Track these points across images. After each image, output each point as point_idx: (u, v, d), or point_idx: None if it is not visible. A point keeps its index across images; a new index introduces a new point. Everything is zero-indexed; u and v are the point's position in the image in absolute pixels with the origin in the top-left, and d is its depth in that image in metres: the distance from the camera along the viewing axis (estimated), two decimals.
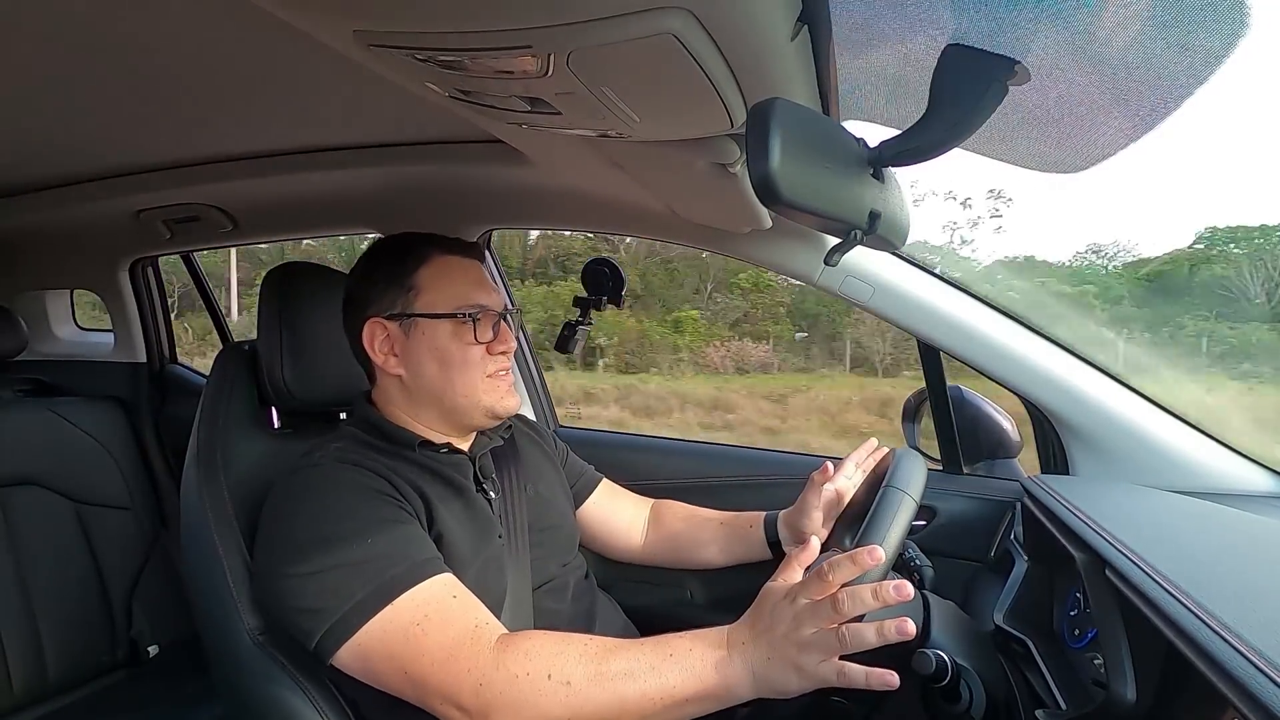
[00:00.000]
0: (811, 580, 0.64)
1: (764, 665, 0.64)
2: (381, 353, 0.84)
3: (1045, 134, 0.67)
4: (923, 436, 1.21)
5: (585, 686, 0.64)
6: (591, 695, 0.64)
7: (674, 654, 0.66)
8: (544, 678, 0.65)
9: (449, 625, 0.69)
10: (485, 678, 0.65)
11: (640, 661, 0.66)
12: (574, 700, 0.64)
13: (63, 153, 1.17)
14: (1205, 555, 0.69)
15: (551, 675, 0.65)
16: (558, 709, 0.64)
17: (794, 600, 0.64)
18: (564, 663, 0.66)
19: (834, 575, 0.62)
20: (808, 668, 0.62)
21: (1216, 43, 0.47)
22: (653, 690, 0.64)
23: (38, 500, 1.40)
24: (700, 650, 0.66)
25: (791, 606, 0.64)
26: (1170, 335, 7.30)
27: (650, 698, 0.64)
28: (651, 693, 0.64)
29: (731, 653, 0.65)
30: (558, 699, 0.64)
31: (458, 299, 0.84)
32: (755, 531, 1.03)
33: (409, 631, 0.68)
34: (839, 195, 0.53)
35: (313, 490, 0.77)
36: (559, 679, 0.65)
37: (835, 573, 0.62)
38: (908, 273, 1.05)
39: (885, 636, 0.61)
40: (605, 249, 8.83)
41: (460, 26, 0.44)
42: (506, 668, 0.65)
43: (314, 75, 0.83)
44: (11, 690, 1.28)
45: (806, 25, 0.49)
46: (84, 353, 1.83)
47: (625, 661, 0.66)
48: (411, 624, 0.68)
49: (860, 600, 0.61)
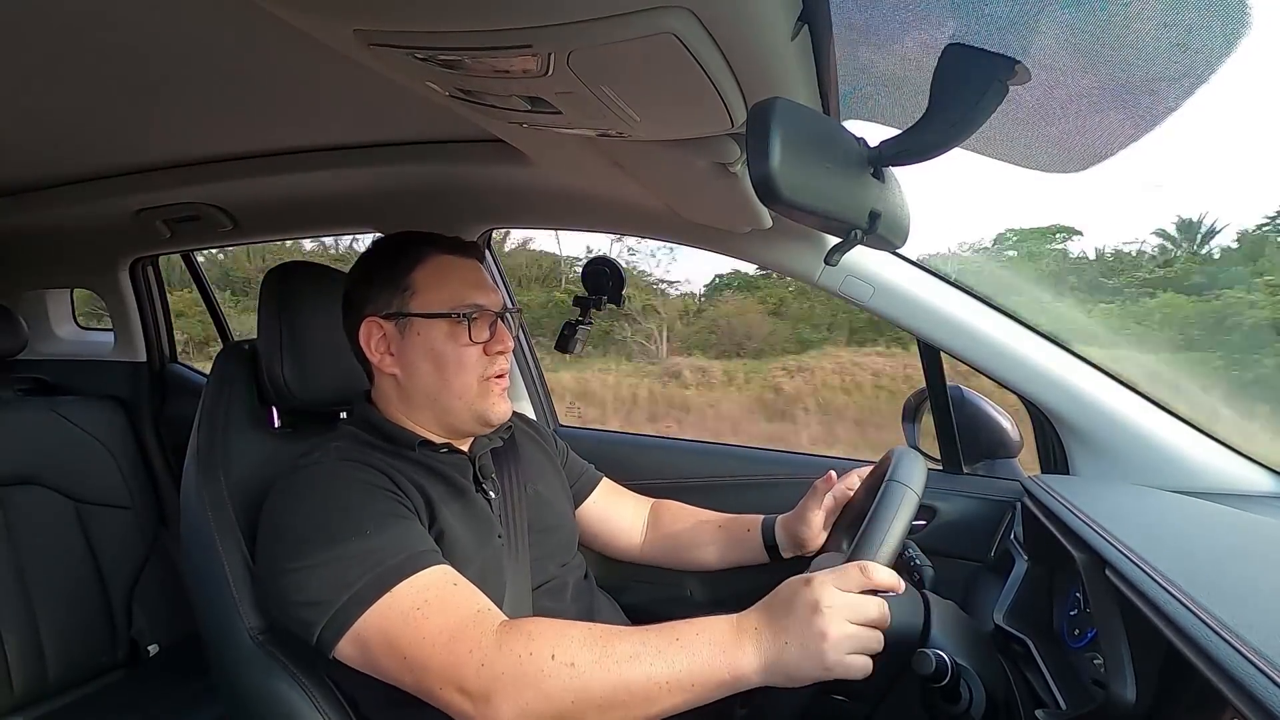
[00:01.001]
0: (850, 572, 0.66)
1: (780, 650, 0.63)
2: (378, 352, 0.84)
3: (1045, 134, 0.66)
4: (923, 436, 1.21)
5: (590, 669, 0.64)
6: (596, 677, 0.63)
7: (680, 639, 0.65)
8: (548, 658, 0.64)
9: (450, 610, 0.68)
10: (487, 658, 0.64)
11: (646, 645, 0.65)
12: (578, 682, 0.63)
13: (63, 153, 1.17)
14: (1205, 555, 0.69)
15: (555, 656, 0.64)
16: (561, 691, 0.63)
17: (820, 587, 0.65)
18: (568, 644, 0.65)
19: (877, 576, 0.66)
20: (830, 659, 0.62)
21: (1216, 43, 0.47)
22: (658, 674, 0.63)
23: (38, 500, 1.40)
24: (708, 635, 0.66)
25: (814, 592, 0.65)
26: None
27: (656, 681, 0.63)
28: (657, 676, 0.63)
29: (742, 639, 0.65)
30: (561, 680, 0.63)
31: (454, 299, 0.84)
32: (753, 535, 1.03)
33: (409, 616, 0.67)
34: (839, 195, 0.53)
35: (312, 487, 0.77)
36: (563, 660, 0.64)
37: (878, 574, 0.66)
38: (908, 273, 1.05)
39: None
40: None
41: (460, 26, 0.44)
42: (509, 648, 0.65)
43: (314, 75, 0.83)
44: (11, 690, 1.28)
45: (806, 25, 0.49)
46: (84, 352, 1.83)
47: (630, 645, 0.65)
48: (412, 609, 0.68)
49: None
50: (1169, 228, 7.32)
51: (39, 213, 1.42)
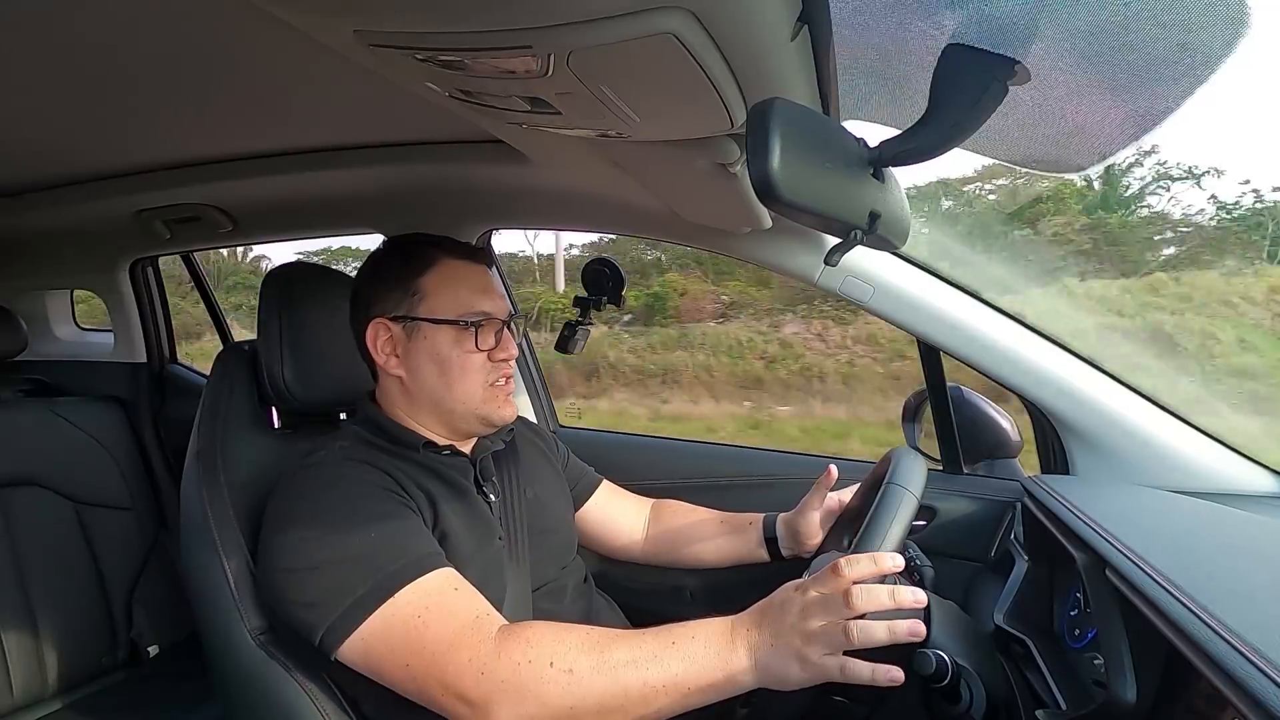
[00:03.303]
0: (826, 574, 0.64)
1: (766, 653, 0.64)
2: (384, 353, 0.84)
3: (1045, 134, 0.66)
4: (923, 437, 1.21)
5: (587, 675, 0.64)
6: (594, 683, 0.64)
7: (677, 642, 0.66)
8: (546, 665, 0.64)
9: (450, 617, 0.69)
10: (486, 666, 0.65)
11: (643, 650, 0.65)
12: (576, 688, 0.64)
13: (63, 153, 1.17)
14: (1205, 555, 0.69)
15: (554, 663, 0.64)
16: (560, 697, 0.63)
17: (805, 592, 0.64)
18: (566, 651, 0.65)
19: (851, 570, 0.62)
20: (811, 659, 0.62)
21: (1216, 43, 0.47)
22: (655, 678, 0.64)
23: (38, 500, 1.40)
24: (703, 638, 0.66)
25: (802, 597, 0.64)
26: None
27: (653, 686, 0.64)
28: (654, 681, 0.64)
29: (735, 640, 0.65)
30: (559, 686, 0.63)
31: (461, 306, 0.84)
32: (754, 531, 1.03)
33: (410, 624, 0.68)
34: (839, 195, 0.53)
35: (315, 487, 0.77)
36: (561, 666, 0.64)
37: (853, 569, 0.62)
38: (908, 273, 1.05)
39: (896, 635, 0.61)
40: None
41: (460, 26, 0.44)
42: (508, 655, 0.65)
43: (314, 75, 0.83)
44: (11, 691, 1.28)
45: (806, 25, 0.49)
46: (84, 353, 1.83)
47: (628, 650, 0.66)
48: (413, 616, 0.68)
49: (875, 598, 0.61)
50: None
51: (39, 213, 1.42)
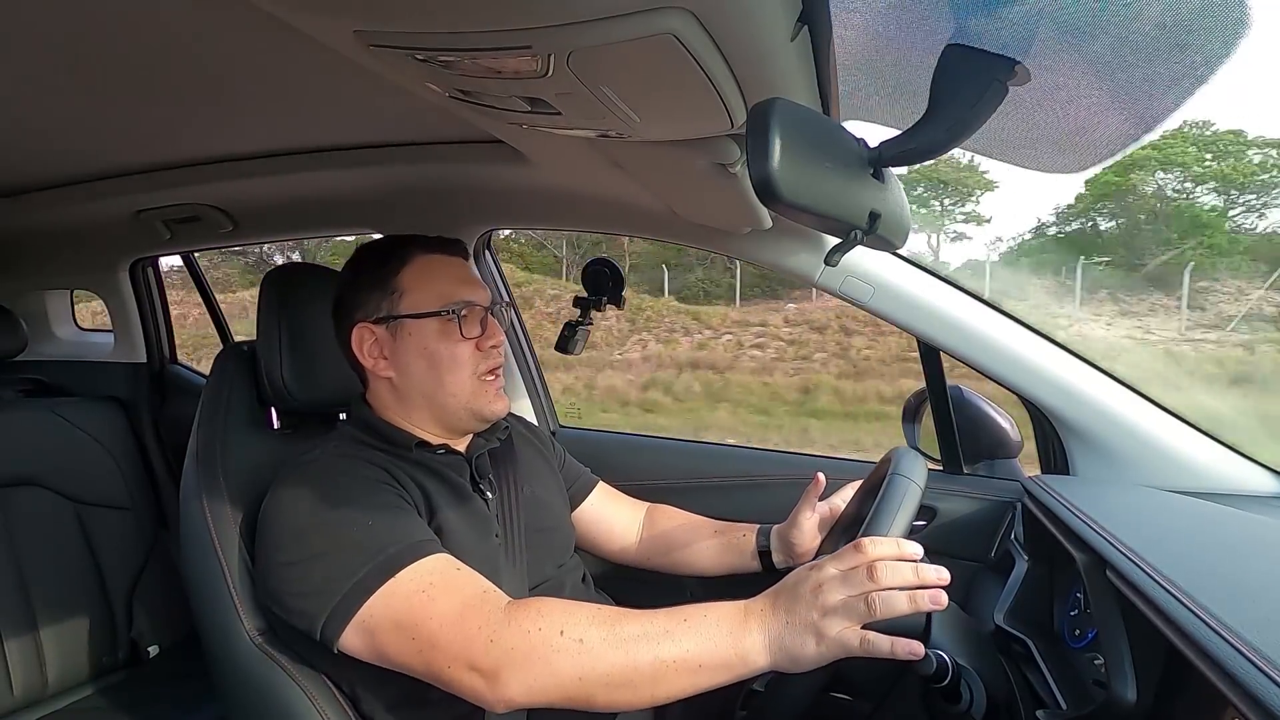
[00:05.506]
0: (847, 551, 0.64)
1: (781, 630, 0.63)
2: (371, 357, 0.85)
3: (1045, 134, 0.66)
4: (923, 436, 1.21)
5: (598, 646, 0.64)
6: (604, 655, 0.63)
7: (689, 620, 0.65)
8: (556, 633, 0.64)
9: (456, 590, 0.69)
10: (496, 634, 0.64)
11: (654, 626, 0.65)
12: (586, 659, 0.63)
13: (63, 153, 1.17)
14: (1205, 555, 0.69)
15: (564, 632, 0.64)
16: (570, 667, 0.63)
17: (822, 569, 0.64)
18: (576, 622, 0.65)
19: (874, 549, 0.63)
20: (828, 633, 0.61)
21: (1216, 43, 0.47)
22: (667, 654, 0.63)
23: (38, 500, 1.40)
24: (716, 617, 0.65)
25: (819, 574, 0.64)
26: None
27: (664, 661, 0.63)
28: (665, 656, 0.63)
29: (749, 619, 0.65)
30: (570, 656, 0.63)
31: (442, 297, 0.84)
32: (748, 542, 1.03)
33: (414, 599, 0.67)
34: (839, 195, 0.53)
35: (312, 480, 0.77)
36: (571, 636, 0.64)
37: (876, 547, 0.63)
38: (908, 273, 1.05)
39: (918, 604, 0.61)
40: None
41: (460, 26, 0.44)
42: (518, 624, 0.65)
43: (314, 75, 0.83)
44: (11, 691, 1.27)
45: (806, 25, 0.49)
46: (84, 353, 1.83)
47: (639, 625, 0.65)
48: (417, 591, 0.68)
49: (899, 573, 0.61)
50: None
51: (39, 213, 1.42)
